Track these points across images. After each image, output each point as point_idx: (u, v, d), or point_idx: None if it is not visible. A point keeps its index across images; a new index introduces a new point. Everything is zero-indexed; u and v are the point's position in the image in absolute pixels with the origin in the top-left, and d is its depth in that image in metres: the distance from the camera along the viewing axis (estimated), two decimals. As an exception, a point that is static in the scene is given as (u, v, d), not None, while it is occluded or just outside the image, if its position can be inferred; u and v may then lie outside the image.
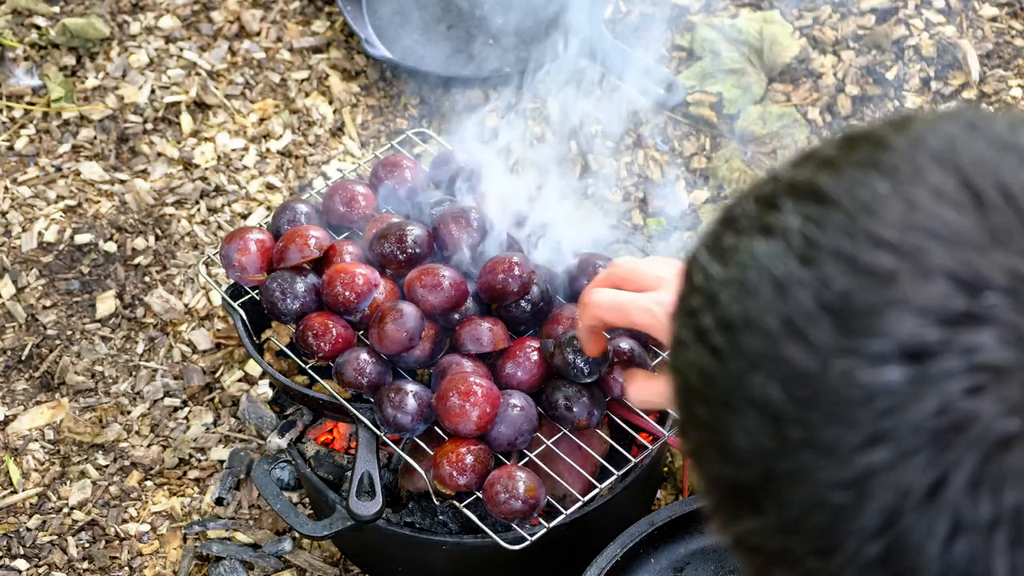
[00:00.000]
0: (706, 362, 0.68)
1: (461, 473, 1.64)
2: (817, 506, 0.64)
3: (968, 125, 0.68)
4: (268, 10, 2.65)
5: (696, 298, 0.70)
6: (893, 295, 0.63)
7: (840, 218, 0.65)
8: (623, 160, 2.39)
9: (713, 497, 0.71)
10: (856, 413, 0.63)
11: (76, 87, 2.53)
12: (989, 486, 0.61)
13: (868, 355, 0.63)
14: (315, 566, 1.96)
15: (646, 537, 1.65)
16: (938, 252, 0.63)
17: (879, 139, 0.68)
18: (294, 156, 2.45)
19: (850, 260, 0.64)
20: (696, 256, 0.72)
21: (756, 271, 0.66)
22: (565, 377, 1.69)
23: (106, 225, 2.34)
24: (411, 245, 1.78)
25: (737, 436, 0.67)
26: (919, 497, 0.62)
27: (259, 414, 2.04)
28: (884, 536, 0.63)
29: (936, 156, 0.66)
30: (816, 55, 2.50)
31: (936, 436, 0.61)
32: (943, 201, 0.64)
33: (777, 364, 0.65)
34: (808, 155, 0.71)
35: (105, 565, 1.97)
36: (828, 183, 0.67)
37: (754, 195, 0.71)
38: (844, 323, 0.63)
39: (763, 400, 0.65)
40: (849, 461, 0.63)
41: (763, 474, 0.66)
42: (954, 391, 0.61)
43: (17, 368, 2.18)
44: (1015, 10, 2.56)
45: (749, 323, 0.66)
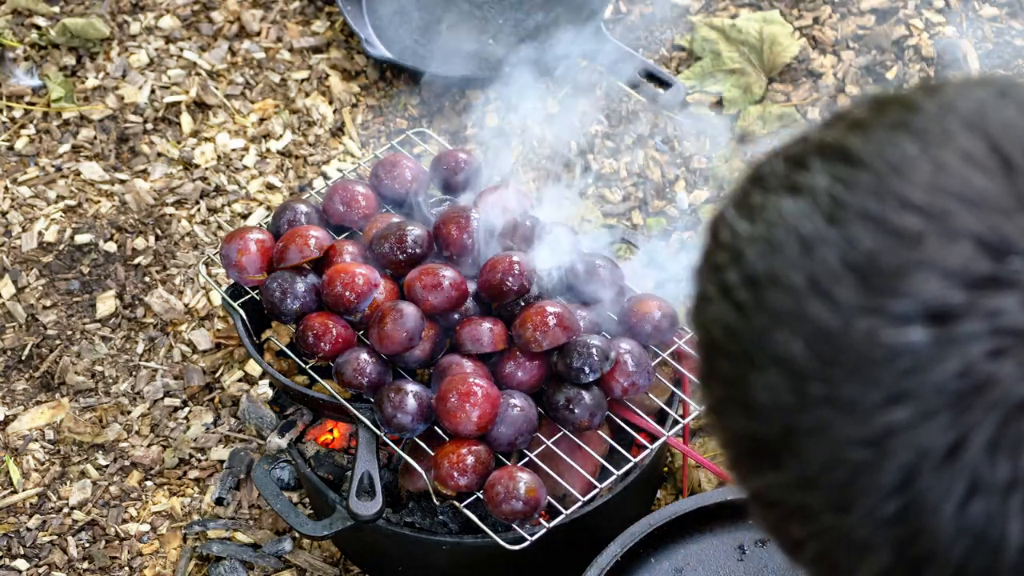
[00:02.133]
0: (730, 317, 0.68)
1: (462, 474, 1.64)
2: (836, 463, 0.65)
3: (999, 91, 0.68)
4: (268, 10, 2.65)
5: (722, 254, 0.70)
6: (919, 256, 0.63)
7: (868, 179, 0.66)
8: (623, 160, 2.39)
9: (733, 451, 0.72)
10: (878, 372, 0.63)
11: (76, 87, 2.53)
12: (1008, 448, 0.61)
13: (892, 315, 0.63)
14: (315, 566, 1.96)
15: (646, 537, 1.65)
16: (965, 215, 0.63)
17: (909, 102, 0.69)
18: (294, 156, 2.45)
19: (877, 220, 0.64)
20: (723, 213, 0.72)
21: (783, 229, 0.67)
22: (566, 378, 1.69)
23: (106, 225, 2.34)
24: (411, 245, 1.78)
25: (759, 391, 0.67)
26: (938, 457, 0.62)
27: (259, 414, 2.04)
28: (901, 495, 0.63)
29: (966, 120, 0.66)
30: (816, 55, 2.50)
31: (957, 397, 0.62)
32: (971, 165, 0.64)
33: (801, 321, 0.65)
34: (838, 116, 0.71)
35: (105, 565, 1.97)
36: (857, 144, 0.67)
37: (783, 154, 0.71)
38: (869, 283, 0.64)
39: (786, 356, 0.66)
40: (870, 419, 0.63)
41: (783, 430, 0.66)
42: (976, 353, 0.62)
43: (17, 368, 2.18)
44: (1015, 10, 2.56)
45: (774, 280, 0.67)
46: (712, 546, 1.68)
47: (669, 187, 2.35)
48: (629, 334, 1.77)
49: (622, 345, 1.72)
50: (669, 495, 2.00)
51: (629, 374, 1.71)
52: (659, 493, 2.00)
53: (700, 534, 1.68)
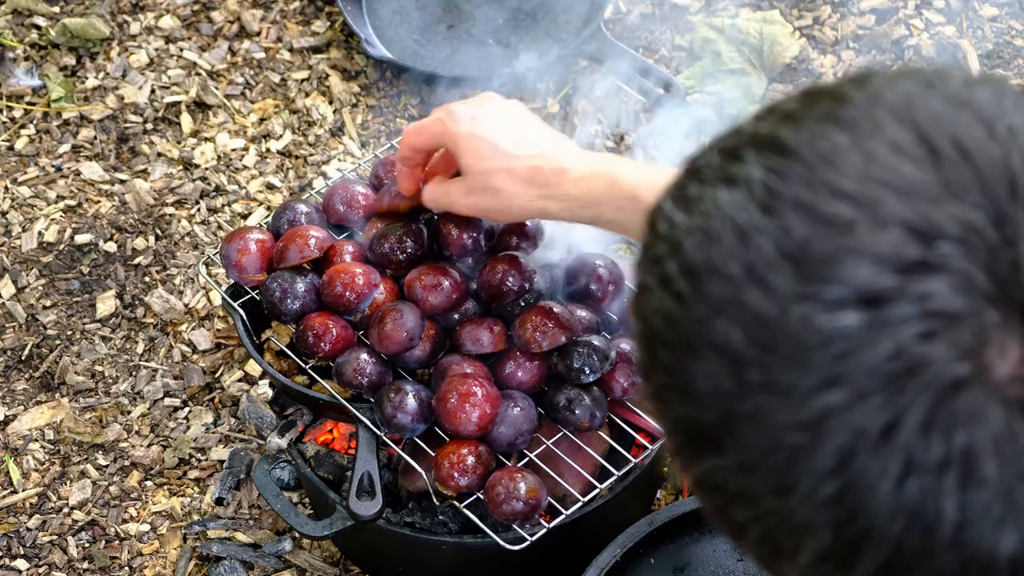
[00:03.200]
0: (670, 307, 0.70)
1: (462, 474, 1.64)
2: (774, 447, 0.66)
3: (925, 82, 0.70)
4: (268, 10, 2.65)
5: (660, 246, 0.72)
6: (850, 243, 0.65)
7: (801, 169, 0.67)
8: (623, 160, 2.39)
9: (676, 438, 0.73)
10: (813, 356, 0.65)
11: (76, 87, 2.53)
12: (941, 428, 0.63)
13: (825, 301, 0.64)
14: (315, 566, 1.96)
15: (646, 537, 1.65)
16: (894, 203, 0.65)
17: (839, 94, 0.71)
18: (294, 156, 2.45)
19: (810, 209, 0.66)
20: (661, 205, 0.73)
21: (719, 219, 0.68)
22: (566, 379, 1.69)
23: (106, 225, 2.34)
24: (411, 245, 1.78)
25: (699, 379, 0.68)
26: (873, 438, 0.64)
27: (259, 414, 2.04)
28: (838, 476, 0.65)
29: (894, 111, 0.68)
30: (816, 55, 2.50)
31: (890, 379, 0.63)
32: (900, 154, 0.66)
33: (739, 309, 0.67)
34: (770, 109, 0.73)
35: (105, 565, 1.97)
36: (789, 135, 0.69)
37: (718, 147, 0.73)
38: (803, 270, 0.65)
39: (724, 344, 0.67)
40: (805, 403, 0.65)
41: (723, 416, 0.68)
42: (908, 336, 0.63)
43: (17, 368, 2.18)
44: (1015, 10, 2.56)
45: (712, 269, 0.68)
46: (712, 546, 1.68)
47: (669, 187, 2.35)
48: (629, 334, 1.77)
49: (622, 345, 1.72)
50: (669, 495, 2.00)
51: (629, 374, 1.71)
52: (659, 493, 2.00)
53: (700, 534, 1.68)
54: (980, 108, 0.67)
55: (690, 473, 0.73)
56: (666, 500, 2.00)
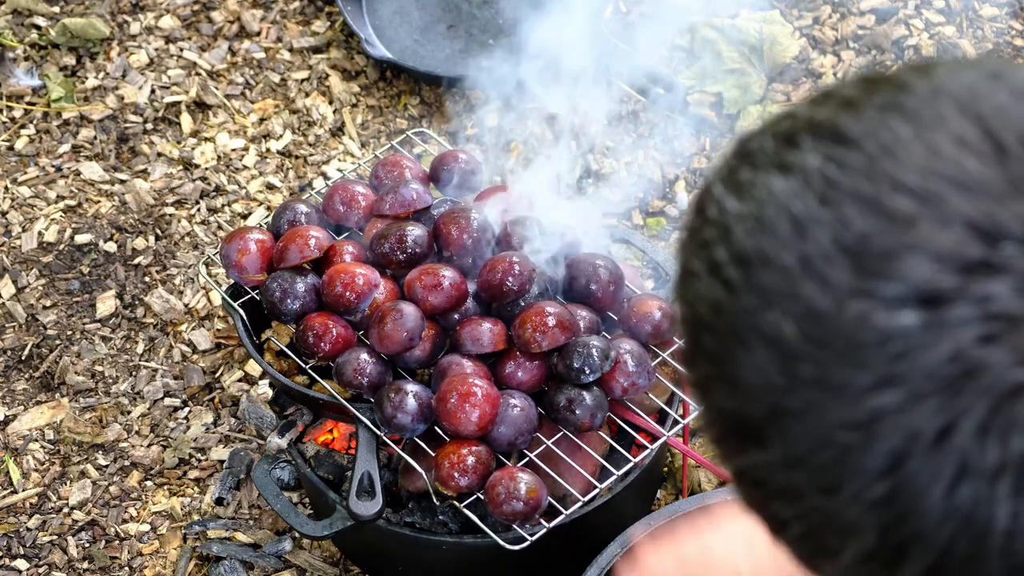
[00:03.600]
0: (718, 295, 0.68)
1: (463, 474, 1.64)
2: (824, 444, 0.65)
3: (990, 74, 0.68)
4: (268, 10, 2.65)
5: (709, 230, 0.70)
6: (911, 240, 0.63)
7: (861, 160, 0.65)
8: (623, 160, 2.39)
9: (717, 428, 0.71)
10: (869, 355, 0.63)
11: (76, 87, 2.53)
12: (997, 433, 0.61)
13: (884, 298, 0.63)
14: (315, 566, 1.96)
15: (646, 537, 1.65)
16: (958, 199, 0.63)
17: (901, 83, 0.68)
18: (294, 156, 2.45)
19: (870, 202, 0.64)
20: (710, 188, 0.71)
21: (774, 207, 0.66)
22: (566, 379, 1.69)
23: (106, 225, 2.34)
24: (411, 245, 1.78)
25: (746, 370, 0.67)
26: (927, 441, 0.62)
27: (259, 414, 2.04)
28: (889, 478, 0.63)
29: (958, 103, 0.66)
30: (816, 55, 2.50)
31: (947, 382, 0.62)
32: (965, 149, 0.64)
33: (792, 301, 0.65)
34: (827, 94, 0.71)
35: (105, 565, 1.97)
36: (849, 123, 0.67)
37: (772, 131, 0.70)
38: (861, 265, 0.63)
39: (775, 336, 0.65)
40: (859, 402, 0.63)
41: (771, 409, 0.66)
42: (967, 338, 0.61)
43: (17, 368, 2.18)
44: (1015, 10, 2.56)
45: (765, 259, 0.66)
46: (712, 546, 1.67)
47: (669, 187, 2.35)
48: (629, 334, 1.77)
49: (622, 345, 1.72)
50: (669, 495, 2.00)
51: (629, 374, 1.71)
52: (659, 493, 2.00)
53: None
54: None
55: (730, 464, 0.71)
56: (666, 500, 2.00)
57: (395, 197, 1.85)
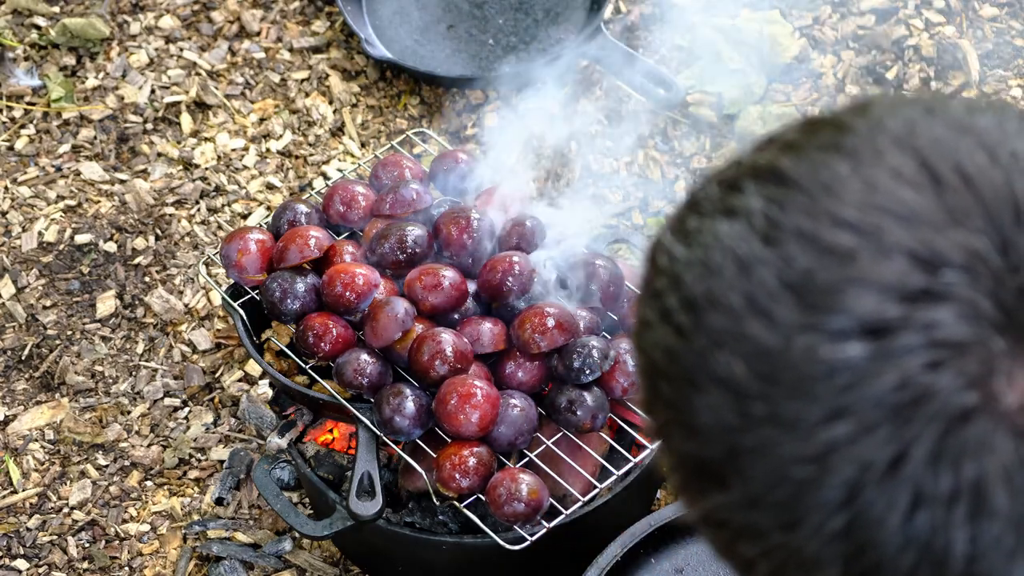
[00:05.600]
0: (671, 341, 0.69)
1: (464, 475, 1.64)
2: (780, 481, 0.65)
3: (926, 109, 0.69)
4: (268, 10, 2.65)
5: (661, 279, 0.71)
6: (853, 273, 0.63)
7: (802, 199, 0.66)
8: (623, 160, 2.39)
9: (680, 474, 0.72)
10: (818, 388, 0.63)
11: (76, 87, 2.53)
12: (949, 459, 0.62)
13: (829, 331, 0.63)
14: (315, 566, 1.96)
15: (646, 537, 1.65)
16: (897, 231, 0.64)
17: (840, 123, 0.69)
18: (294, 156, 2.45)
19: (811, 239, 0.65)
20: (661, 239, 0.72)
21: (720, 251, 0.67)
22: (566, 379, 1.69)
23: (106, 225, 2.34)
24: (411, 245, 1.78)
25: (701, 413, 0.67)
26: (880, 471, 0.63)
27: (259, 414, 2.04)
28: (846, 510, 0.64)
29: (895, 139, 0.67)
30: (816, 55, 2.50)
31: (896, 410, 0.62)
32: (902, 182, 0.65)
33: (740, 341, 0.65)
34: (770, 139, 0.72)
35: (105, 565, 1.97)
36: (790, 165, 0.68)
37: (717, 179, 0.71)
38: (806, 300, 0.64)
39: (726, 377, 0.66)
40: (811, 436, 0.64)
41: (727, 450, 0.67)
42: (914, 366, 0.62)
43: (17, 368, 2.18)
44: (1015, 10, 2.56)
45: (713, 302, 0.67)
46: (712, 546, 1.67)
47: (669, 187, 2.35)
48: (629, 334, 1.77)
49: (622, 345, 1.72)
50: (669, 495, 2.00)
51: (629, 374, 1.71)
52: (659, 493, 2.00)
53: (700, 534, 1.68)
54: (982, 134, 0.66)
55: (695, 509, 0.72)
56: (666, 500, 2.00)
57: (395, 197, 1.85)
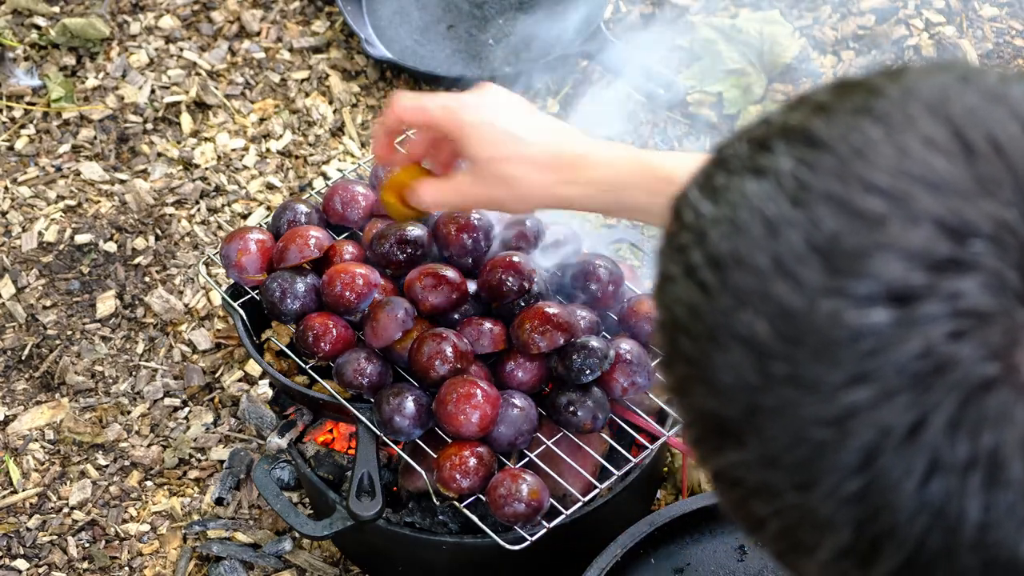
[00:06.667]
0: (694, 297, 0.69)
1: (464, 476, 1.64)
2: (799, 441, 0.66)
3: (960, 77, 0.69)
4: (268, 10, 2.65)
5: (685, 235, 0.71)
6: (881, 238, 0.64)
7: (832, 161, 0.66)
8: (623, 160, 2.39)
9: (696, 430, 0.72)
10: (841, 352, 0.64)
11: (76, 87, 2.53)
12: (967, 428, 0.62)
13: (855, 296, 0.64)
14: (315, 566, 1.96)
15: (646, 537, 1.65)
16: (927, 199, 0.64)
17: (873, 87, 0.70)
18: (294, 156, 2.45)
19: (841, 203, 0.65)
20: (686, 194, 0.72)
21: (747, 210, 0.68)
22: (566, 380, 1.69)
23: (106, 225, 2.34)
24: (411, 245, 1.78)
25: (722, 371, 0.68)
26: (899, 437, 0.63)
27: (259, 414, 2.04)
28: (863, 473, 0.64)
29: (928, 105, 0.67)
30: (816, 55, 2.50)
31: (918, 378, 0.63)
32: (934, 149, 0.65)
33: (765, 301, 0.66)
34: (801, 100, 0.72)
35: (105, 565, 1.97)
36: (821, 127, 0.68)
37: (746, 137, 0.72)
38: (833, 264, 0.65)
39: (750, 336, 0.66)
40: (832, 399, 0.64)
41: (747, 408, 0.67)
42: (937, 334, 0.62)
43: (17, 368, 2.18)
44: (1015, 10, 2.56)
45: (739, 261, 0.67)
46: (712, 546, 1.68)
47: (669, 187, 2.35)
48: (629, 334, 1.77)
49: (622, 345, 1.72)
50: (669, 495, 2.00)
51: (629, 374, 1.71)
52: (659, 493, 2.00)
53: (700, 534, 1.68)
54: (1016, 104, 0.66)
55: (709, 465, 0.72)
56: (666, 500, 2.00)
57: None
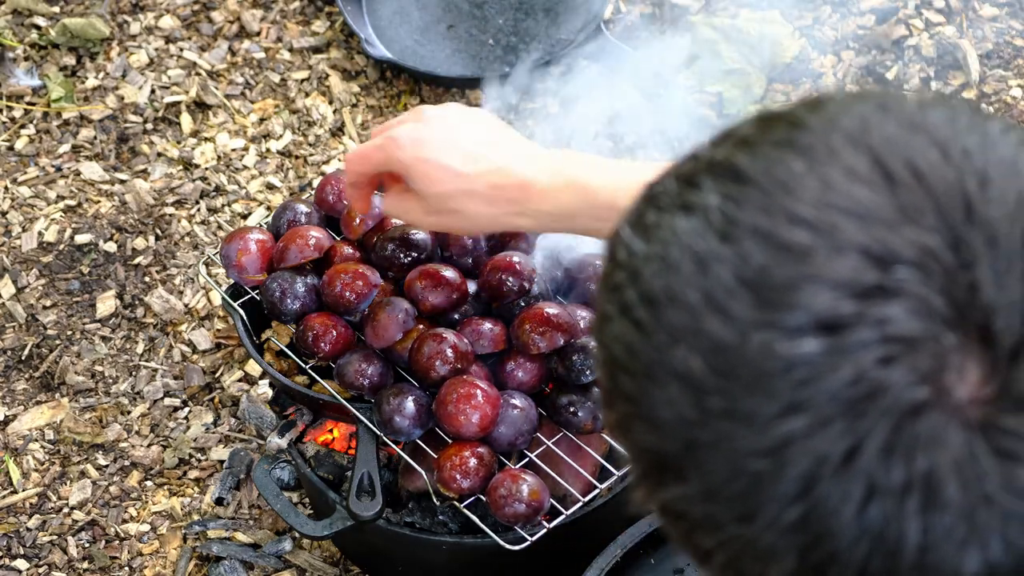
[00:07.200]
0: (630, 336, 0.70)
1: (464, 477, 1.64)
2: (737, 474, 0.66)
3: (879, 106, 0.70)
4: (268, 10, 2.65)
5: (620, 273, 0.71)
6: (808, 270, 0.65)
7: (757, 196, 0.67)
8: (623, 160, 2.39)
9: (639, 466, 0.73)
10: (774, 383, 0.65)
11: (76, 87, 2.53)
12: (901, 452, 0.63)
13: (785, 327, 0.64)
14: (315, 566, 1.96)
15: (646, 537, 1.65)
16: (851, 228, 0.65)
17: (794, 119, 0.70)
18: (294, 156, 2.45)
19: (767, 236, 0.66)
20: (619, 232, 0.73)
21: (677, 247, 0.68)
22: (566, 380, 1.69)
23: (106, 225, 2.34)
24: (414, 248, 1.78)
25: (660, 407, 0.68)
26: (835, 464, 0.64)
27: (259, 414, 2.04)
28: (801, 502, 0.65)
29: (849, 136, 0.68)
30: (816, 55, 2.50)
31: (851, 405, 0.63)
32: (856, 180, 0.66)
33: (698, 337, 0.67)
34: (725, 135, 0.73)
35: (105, 565, 1.97)
36: (745, 162, 0.69)
37: (675, 173, 0.72)
38: (762, 297, 0.65)
39: (685, 372, 0.67)
40: (768, 430, 0.65)
41: (685, 443, 0.68)
42: (867, 361, 0.63)
43: (17, 368, 2.18)
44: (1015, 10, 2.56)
45: (671, 298, 0.68)
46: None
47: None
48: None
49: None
50: (669, 495, 2.00)
51: (629, 374, 1.71)
52: (659, 493, 2.00)
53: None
54: (934, 130, 0.67)
55: (654, 501, 0.73)
56: (666, 500, 2.00)
57: None
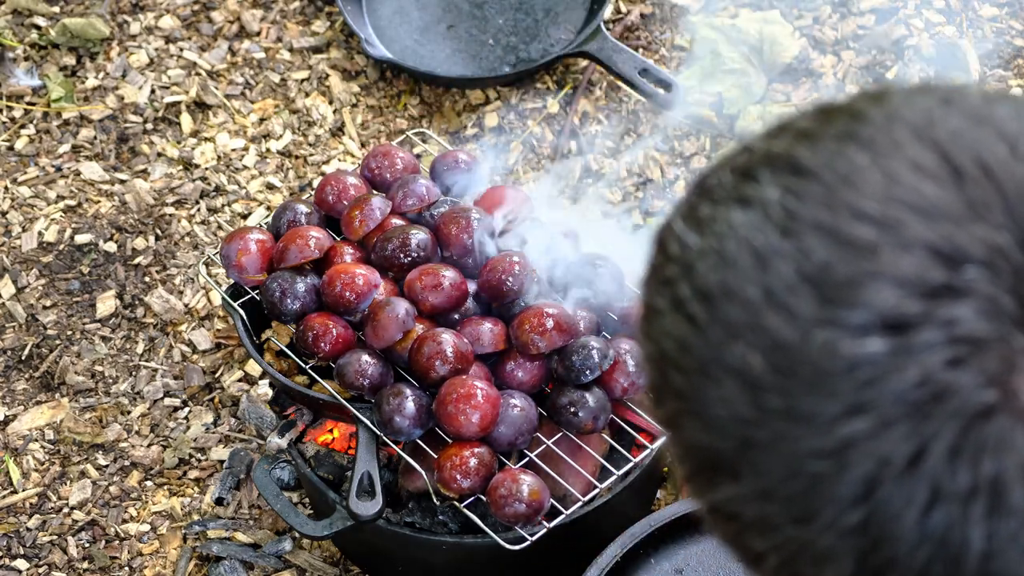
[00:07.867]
0: (683, 331, 0.68)
1: (465, 477, 1.64)
2: (795, 474, 0.65)
3: (943, 99, 0.68)
4: (268, 10, 2.65)
5: (671, 267, 0.70)
6: (873, 267, 0.63)
7: (819, 190, 0.66)
8: (623, 160, 2.39)
9: (689, 464, 0.71)
10: (837, 383, 0.63)
11: (76, 87, 2.53)
12: (968, 456, 0.62)
13: (849, 326, 0.63)
14: (315, 566, 1.96)
15: (646, 537, 1.65)
16: (918, 225, 0.63)
17: (856, 111, 0.69)
18: (294, 156, 2.45)
19: (830, 232, 0.64)
20: (671, 225, 0.71)
21: (735, 241, 0.67)
22: (566, 380, 1.69)
23: (106, 225, 2.34)
24: (415, 249, 1.78)
25: (714, 405, 0.67)
26: (899, 467, 0.62)
27: (259, 414, 2.04)
28: (863, 505, 0.63)
29: (914, 130, 0.66)
30: (816, 55, 2.50)
31: (916, 407, 0.62)
32: (922, 174, 0.64)
33: (758, 334, 0.65)
34: (783, 127, 0.71)
35: (105, 565, 1.97)
36: (806, 155, 0.67)
37: (729, 166, 0.71)
38: (825, 294, 0.64)
39: (742, 369, 0.65)
40: (829, 431, 0.63)
41: (741, 442, 0.66)
42: (934, 363, 0.62)
43: (17, 368, 2.18)
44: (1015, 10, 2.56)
45: (728, 293, 0.66)
46: (712, 547, 1.67)
47: (669, 187, 2.35)
48: (629, 334, 1.77)
49: (622, 345, 1.72)
50: (669, 495, 2.00)
51: (629, 374, 1.71)
52: (659, 493, 2.00)
53: (700, 535, 1.68)
54: (1001, 125, 0.66)
55: (704, 500, 0.71)
56: (666, 500, 2.00)
57: (408, 191, 1.86)
